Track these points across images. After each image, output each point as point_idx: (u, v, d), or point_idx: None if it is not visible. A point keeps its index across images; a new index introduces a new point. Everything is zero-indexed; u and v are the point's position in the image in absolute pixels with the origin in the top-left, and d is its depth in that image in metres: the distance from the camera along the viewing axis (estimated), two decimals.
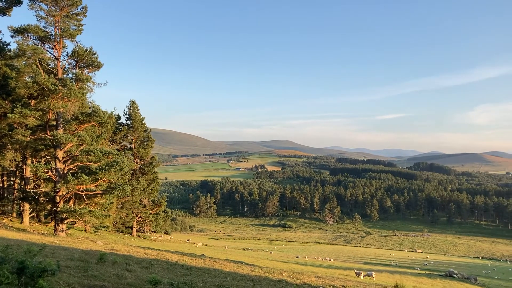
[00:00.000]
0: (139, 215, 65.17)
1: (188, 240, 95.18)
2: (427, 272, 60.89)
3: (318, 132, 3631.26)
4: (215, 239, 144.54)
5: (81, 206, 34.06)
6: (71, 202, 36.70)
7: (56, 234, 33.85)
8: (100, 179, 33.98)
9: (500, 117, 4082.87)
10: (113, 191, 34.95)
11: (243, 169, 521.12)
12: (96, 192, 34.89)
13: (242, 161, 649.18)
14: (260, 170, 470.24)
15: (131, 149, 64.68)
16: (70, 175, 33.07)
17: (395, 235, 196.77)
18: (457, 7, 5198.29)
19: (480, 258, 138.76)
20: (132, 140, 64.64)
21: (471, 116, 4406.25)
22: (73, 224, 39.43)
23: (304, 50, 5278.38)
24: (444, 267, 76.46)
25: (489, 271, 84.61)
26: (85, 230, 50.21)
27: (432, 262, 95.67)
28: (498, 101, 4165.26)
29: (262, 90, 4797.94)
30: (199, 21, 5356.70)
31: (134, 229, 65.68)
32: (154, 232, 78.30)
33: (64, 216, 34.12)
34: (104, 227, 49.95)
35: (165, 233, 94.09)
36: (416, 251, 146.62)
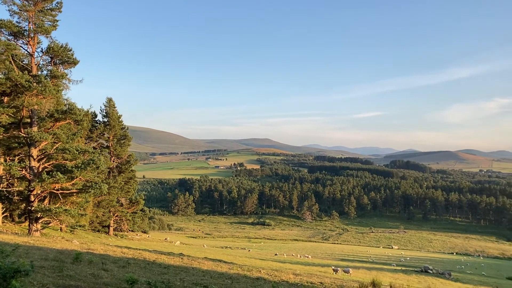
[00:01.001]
0: (116, 214, 64.37)
1: (166, 238, 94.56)
2: (403, 268, 61.92)
3: (297, 130, 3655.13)
4: (193, 237, 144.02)
5: (57, 205, 33.45)
6: (46, 201, 35.99)
7: (30, 233, 33.18)
8: (76, 178, 33.43)
9: (474, 116, 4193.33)
10: (90, 190, 34.44)
11: (222, 167, 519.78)
12: (72, 190, 34.30)
13: (221, 159, 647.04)
14: (239, 168, 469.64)
15: (107, 147, 63.80)
16: (45, 173, 32.44)
17: (372, 232, 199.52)
18: (432, 9, 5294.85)
19: (454, 253, 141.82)
20: (109, 138, 63.73)
21: (446, 115, 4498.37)
22: (48, 224, 38.71)
23: (284, 49, 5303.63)
24: (420, 263, 77.87)
25: (463, 266, 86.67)
26: (61, 229, 49.35)
27: (408, 258, 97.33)
28: (472, 100, 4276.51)
29: (241, 88, 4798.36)
30: (180, 19, 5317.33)
31: (111, 228, 64.87)
32: (132, 231, 77.53)
33: (38, 216, 33.48)
34: (80, 226, 49.26)
35: (142, 232, 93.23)
36: (392, 248, 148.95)
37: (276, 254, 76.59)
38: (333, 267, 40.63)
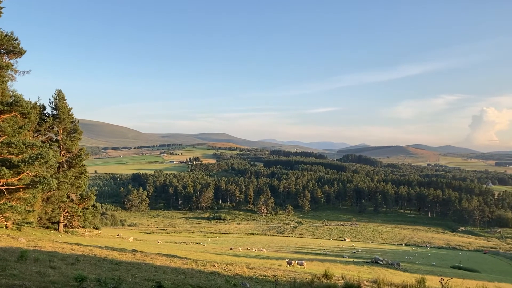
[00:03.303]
0: (66, 210, 62.31)
1: (118, 234, 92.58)
2: (354, 259, 63.63)
3: (253, 125, 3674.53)
4: (147, 233, 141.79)
5: (1, 202, 32.01)
6: None
7: None
8: (23, 173, 32.11)
9: (423, 112, 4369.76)
10: (38, 185, 33.17)
11: (177, 162, 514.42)
12: (18, 186, 32.92)
13: (176, 154, 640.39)
14: (194, 162, 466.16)
15: (57, 141, 61.51)
16: None
17: (326, 225, 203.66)
18: (380, 9, 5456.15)
19: (403, 244, 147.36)
20: (58, 131, 61.45)
21: (396, 111, 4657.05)
22: None
23: (239, 48, 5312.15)
24: (371, 254, 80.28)
25: (411, 257, 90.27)
26: (6, 226, 47.27)
27: (359, 250, 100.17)
28: (420, 97, 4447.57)
29: (197, 82, 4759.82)
30: (135, 13, 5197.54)
31: (61, 225, 62.77)
32: (83, 227, 75.27)
33: None
34: (27, 223, 47.39)
35: (94, 228, 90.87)
36: (345, 240, 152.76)
37: (231, 248, 76.73)
38: (287, 260, 41.18)
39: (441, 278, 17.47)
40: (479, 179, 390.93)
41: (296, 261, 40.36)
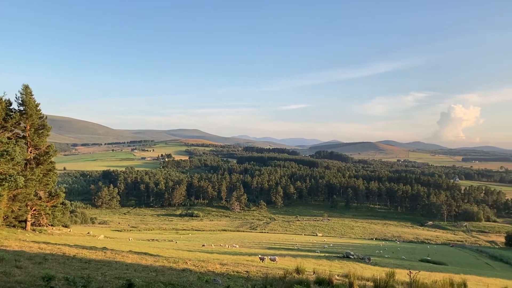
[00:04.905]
0: (34, 208, 60.73)
1: (88, 232, 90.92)
2: (326, 254, 64.26)
3: (226, 121, 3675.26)
4: (118, 231, 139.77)
5: None
6: None
7: None
8: None
9: (393, 109, 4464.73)
10: (3, 183, 32.31)
11: (149, 159, 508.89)
12: None
13: (147, 150, 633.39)
14: (166, 159, 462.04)
15: (24, 137, 59.81)
16: None
17: (298, 220, 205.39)
18: (353, 8, 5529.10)
19: (374, 239, 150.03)
20: (25, 127, 59.77)
21: (367, 107, 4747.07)
22: None
23: (213, 44, 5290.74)
24: (342, 249, 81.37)
25: (381, 251, 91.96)
26: None
27: (331, 245, 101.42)
28: (390, 94, 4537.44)
29: (169, 77, 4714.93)
30: (107, 5, 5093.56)
31: (29, 223, 61.16)
32: (51, 225, 73.59)
33: None
34: None
35: (63, 226, 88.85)
36: (317, 235, 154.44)
37: (204, 245, 76.41)
38: (259, 256, 41.27)
39: (410, 271, 17.88)
40: (447, 175, 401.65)
41: (269, 257, 40.51)
